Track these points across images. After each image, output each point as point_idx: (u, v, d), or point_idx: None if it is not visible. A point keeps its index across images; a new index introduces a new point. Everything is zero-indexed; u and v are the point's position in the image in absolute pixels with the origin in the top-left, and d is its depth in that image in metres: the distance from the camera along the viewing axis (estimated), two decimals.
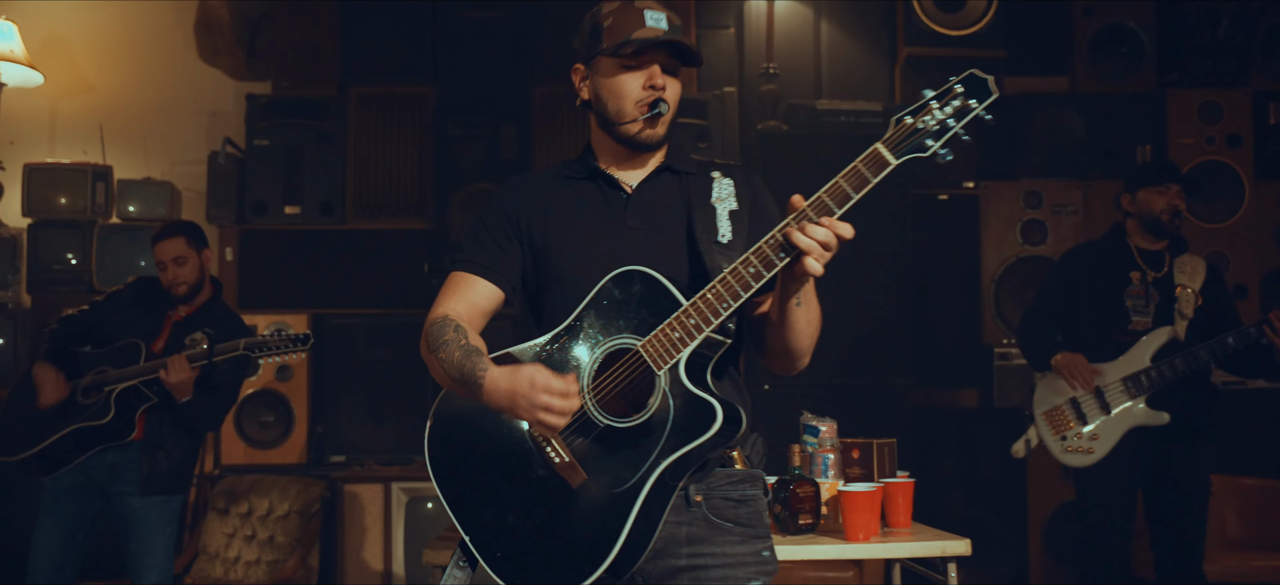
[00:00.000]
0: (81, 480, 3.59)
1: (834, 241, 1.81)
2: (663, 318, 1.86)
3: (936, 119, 1.84)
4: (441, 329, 1.96)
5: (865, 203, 5.63)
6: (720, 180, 2.06)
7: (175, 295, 3.70)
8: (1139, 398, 3.77)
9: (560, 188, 2.09)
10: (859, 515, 2.78)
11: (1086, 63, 5.33)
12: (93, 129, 5.38)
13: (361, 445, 4.99)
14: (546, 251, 2.03)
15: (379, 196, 5.18)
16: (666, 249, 2.00)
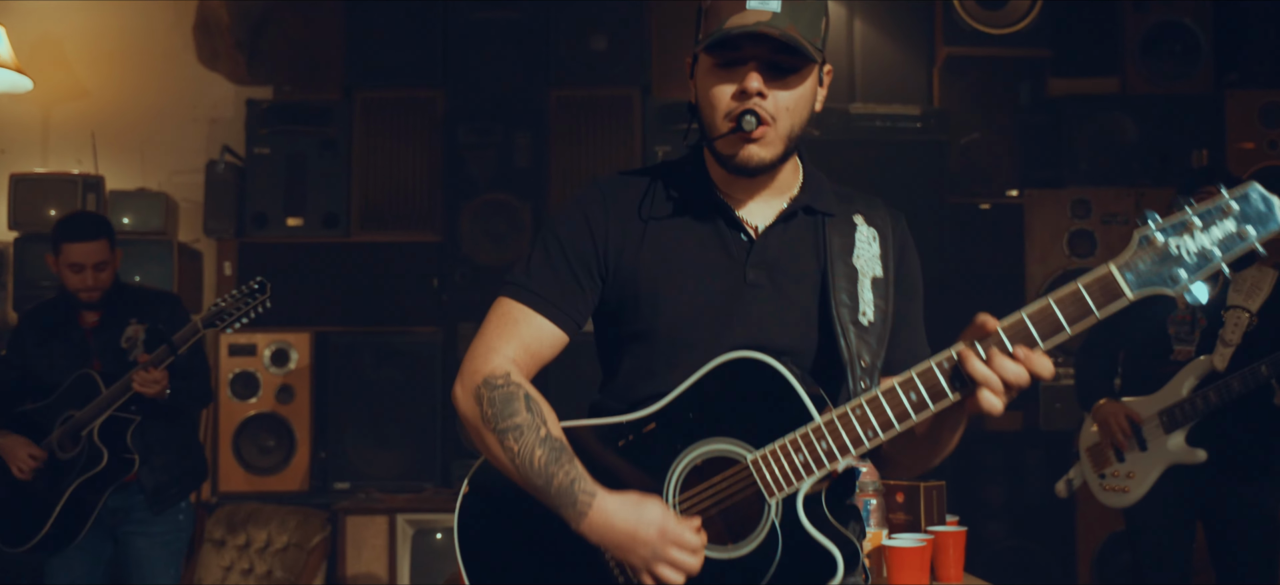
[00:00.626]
0: (95, 534, 3.38)
1: (1026, 380, 1.45)
2: (785, 428, 1.52)
3: (1197, 246, 1.43)
4: (509, 401, 1.58)
5: (902, 210, 5.44)
6: (863, 228, 1.67)
7: (81, 302, 3.43)
8: (1174, 432, 3.52)
9: (662, 211, 1.66)
10: (907, 573, 2.47)
11: (1138, 62, 5.06)
12: (86, 137, 5.14)
13: (366, 472, 4.76)
14: (637, 299, 1.64)
15: (386, 208, 4.97)
16: (793, 319, 1.63)
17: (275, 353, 4.73)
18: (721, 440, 1.54)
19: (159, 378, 3.21)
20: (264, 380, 4.71)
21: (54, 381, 3.38)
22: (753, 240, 1.65)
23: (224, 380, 4.69)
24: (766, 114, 1.57)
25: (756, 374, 1.53)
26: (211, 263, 5.08)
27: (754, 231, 1.66)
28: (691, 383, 1.56)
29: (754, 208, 1.67)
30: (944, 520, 2.84)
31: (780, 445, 1.51)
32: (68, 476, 3.29)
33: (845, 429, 1.50)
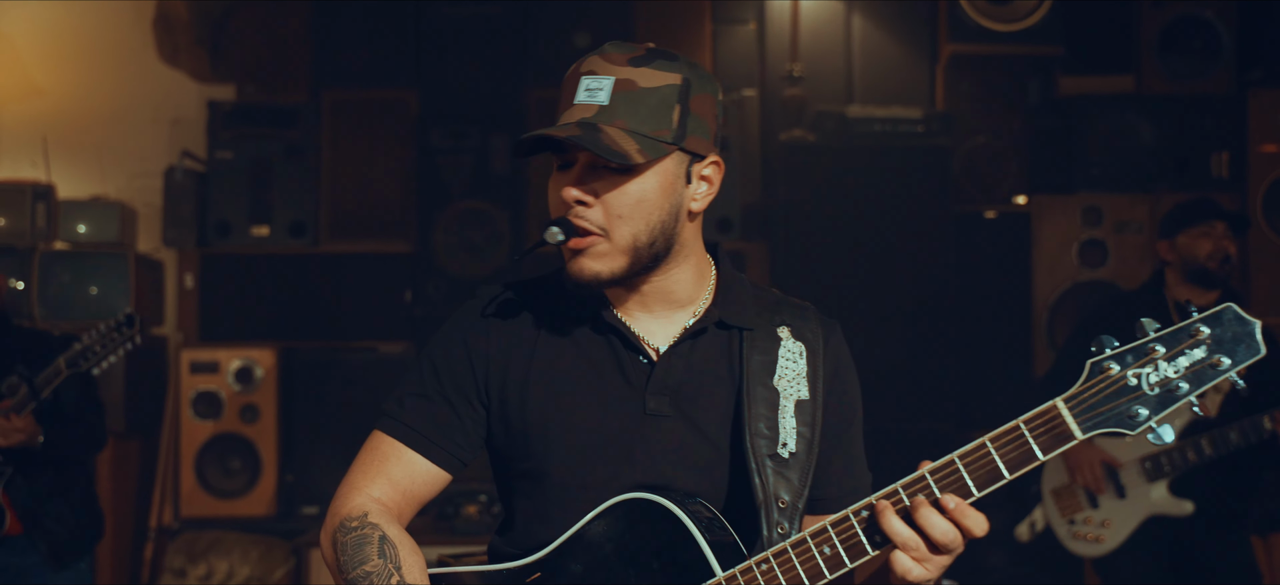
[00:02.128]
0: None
1: (957, 540, 1.28)
2: (680, 582, 1.35)
3: (1160, 376, 1.28)
4: (361, 545, 1.41)
5: (901, 221, 5.08)
6: (789, 342, 1.47)
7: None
8: (1158, 481, 3.42)
9: (551, 332, 1.50)
10: None
11: (1155, 60, 4.97)
12: (40, 138, 4.97)
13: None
14: (526, 434, 1.48)
15: (356, 216, 4.93)
16: (701, 453, 1.46)
17: (239, 370, 4.61)
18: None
19: (21, 426, 3.01)
20: (227, 398, 4.60)
21: None
22: (653, 363, 1.48)
23: (185, 399, 4.58)
24: (591, 225, 1.40)
25: (653, 518, 1.37)
26: (172, 275, 4.98)
27: (655, 353, 1.49)
28: (579, 527, 1.40)
29: (654, 326, 1.50)
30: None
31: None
32: None
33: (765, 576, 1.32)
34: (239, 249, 4.81)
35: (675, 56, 1.44)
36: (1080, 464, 3.49)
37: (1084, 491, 3.53)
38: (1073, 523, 3.59)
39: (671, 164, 1.42)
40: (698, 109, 1.43)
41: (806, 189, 4.69)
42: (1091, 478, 3.46)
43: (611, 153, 1.35)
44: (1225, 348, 1.25)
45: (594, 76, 1.41)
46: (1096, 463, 3.46)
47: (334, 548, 1.45)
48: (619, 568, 1.38)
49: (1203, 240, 3.49)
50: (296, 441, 4.72)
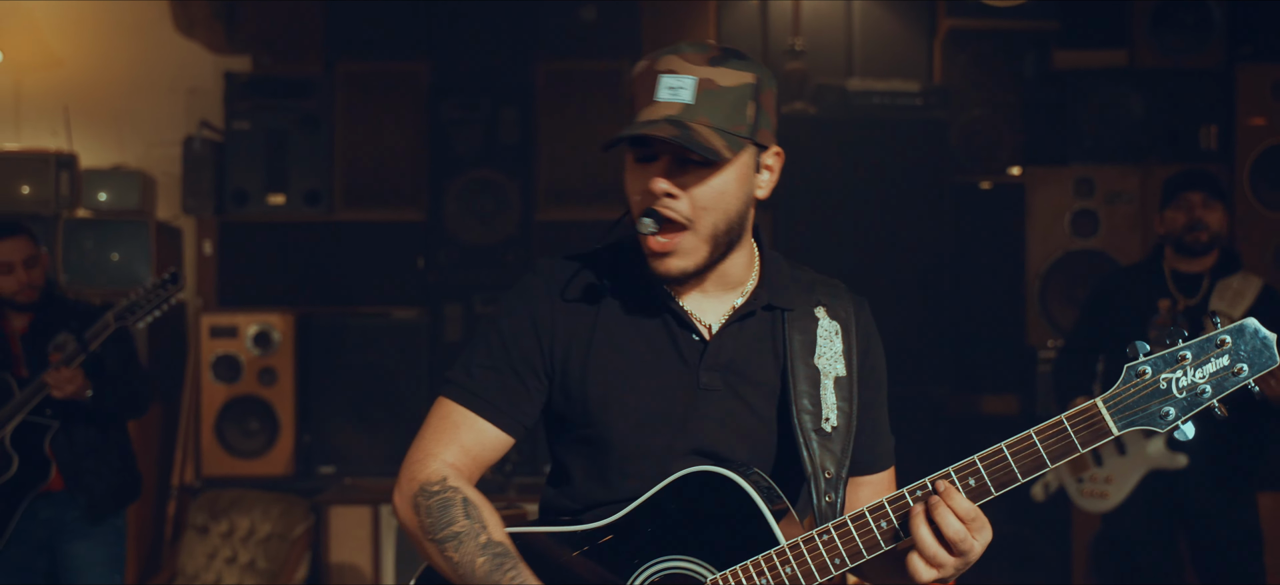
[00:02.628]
0: (21, 547, 3.33)
1: (969, 547, 1.42)
2: (748, 550, 1.45)
3: (1188, 382, 1.39)
4: (446, 509, 1.50)
5: (899, 191, 5.19)
6: (825, 321, 1.57)
7: (18, 303, 3.35)
8: (1154, 438, 3.54)
9: (610, 308, 1.57)
10: None
11: (1148, 35, 5.00)
12: (60, 107, 5.06)
13: (351, 455, 4.79)
14: (586, 404, 1.55)
15: (369, 185, 4.98)
16: (751, 426, 1.55)
17: (257, 334, 4.71)
18: (681, 558, 1.47)
19: (72, 377, 3.16)
20: (246, 362, 4.71)
21: None
22: (706, 342, 1.56)
23: (206, 362, 4.69)
24: (679, 215, 1.47)
25: (718, 489, 1.46)
26: (191, 241, 5.06)
27: (707, 331, 1.57)
28: (650, 495, 1.49)
29: (706, 304, 1.58)
30: None
31: (743, 568, 1.45)
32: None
33: (811, 556, 1.43)
34: (256, 217, 4.88)
35: (746, 56, 1.52)
36: None
37: (1091, 452, 3.65)
38: (1081, 480, 3.75)
39: (747, 157, 1.50)
40: (766, 105, 1.52)
41: (808, 160, 4.70)
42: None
43: (705, 150, 1.42)
44: (1244, 358, 1.37)
45: (675, 75, 1.46)
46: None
47: (415, 511, 1.52)
48: (686, 533, 1.47)
49: (1179, 214, 3.60)
50: (313, 403, 4.81)
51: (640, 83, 1.49)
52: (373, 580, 4.38)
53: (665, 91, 1.45)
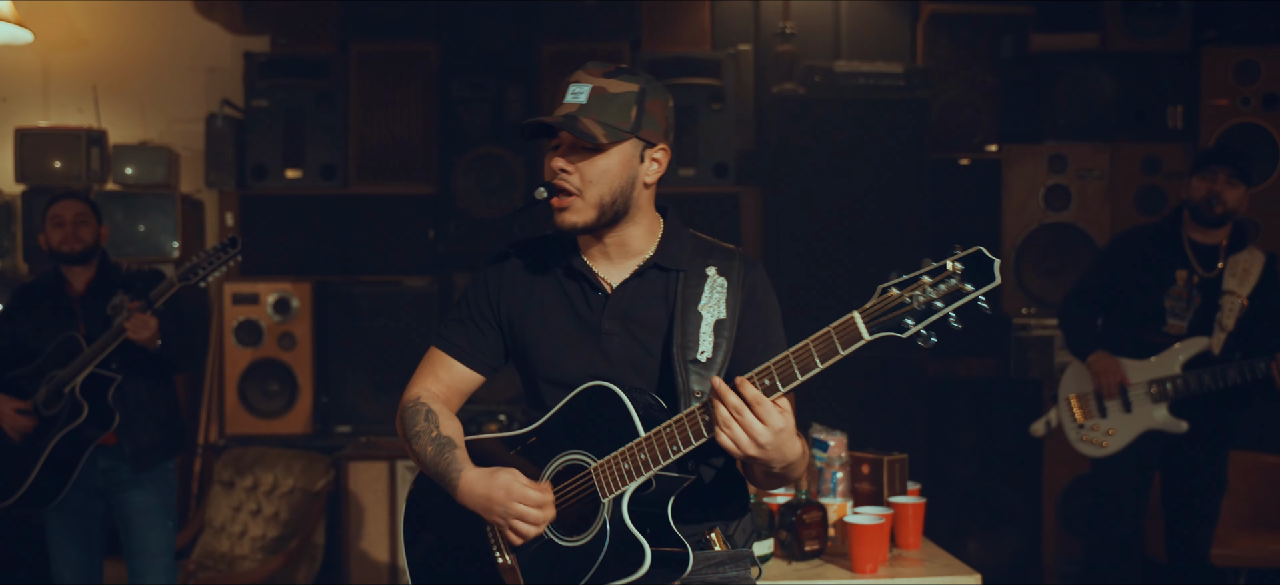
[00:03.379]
0: (80, 493, 3.52)
1: (746, 420, 1.69)
2: (619, 443, 1.79)
3: (925, 298, 1.64)
4: (413, 417, 2.00)
5: (882, 167, 5.34)
6: (713, 280, 1.93)
7: (66, 254, 3.55)
8: (1161, 404, 3.72)
9: (542, 279, 2.01)
10: (866, 547, 2.69)
11: (1119, 19, 5.10)
12: (85, 86, 5.24)
13: (367, 415, 4.95)
14: (525, 347, 2.00)
15: (382, 160, 5.05)
16: (641, 359, 1.91)
17: (277, 301, 4.87)
18: (576, 452, 1.86)
19: (148, 322, 3.33)
20: (267, 327, 4.86)
21: (40, 348, 3.49)
22: (608, 296, 1.95)
23: (228, 328, 4.85)
24: (569, 186, 1.88)
25: (606, 400, 1.84)
26: (213, 213, 5.20)
27: (609, 288, 1.96)
28: (559, 407, 1.91)
29: (611, 269, 1.97)
30: (905, 491, 3.04)
31: (613, 458, 1.80)
32: (50, 432, 3.42)
33: (658, 443, 1.76)
34: (275, 190, 4.97)
35: (637, 72, 1.90)
36: (1102, 374, 3.76)
37: (1096, 402, 3.80)
38: (1082, 427, 3.87)
39: (629, 147, 1.89)
40: (651, 110, 1.90)
41: (796, 137, 4.82)
42: (1108, 387, 3.74)
43: (585, 135, 1.83)
44: (971, 277, 1.61)
45: (578, 84, 1.88)
46: (1115, 378, 3.74)
47: (400, 421, 2.03)
48: (583, 433, 1.86)
49: (1202, 184, 3.69)
50: (330, 366, 4.95)
51: (560, 91, 1.90)
52: (389, 531, 4.58)
53: (570, 95, 1.89)
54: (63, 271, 3.60)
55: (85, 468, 3.47)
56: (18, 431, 3.40)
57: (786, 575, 2.70)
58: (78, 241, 3.54)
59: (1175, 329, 3.73)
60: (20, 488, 3.42)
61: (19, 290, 3.72)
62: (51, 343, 3.47)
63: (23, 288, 3.72)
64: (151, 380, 3.56)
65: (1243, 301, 3.66)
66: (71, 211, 3.56)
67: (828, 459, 2.98)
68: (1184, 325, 3.71)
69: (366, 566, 4.56)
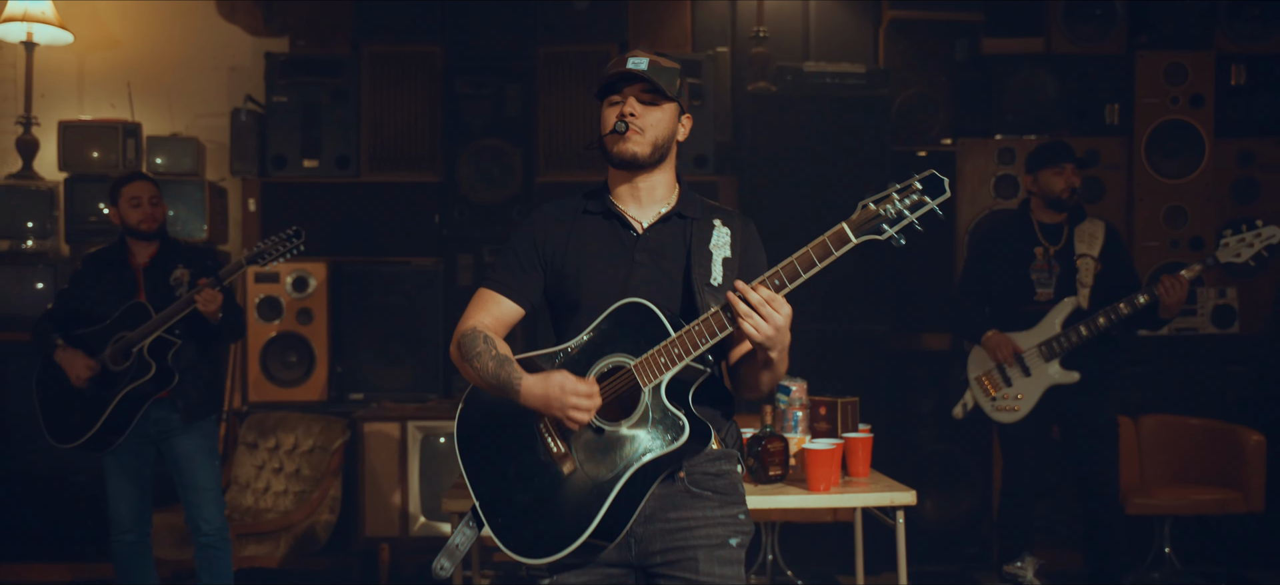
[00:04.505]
0: (137, 440, 3.95)
1: (765, 312, 2.12)
2: (654, 344, 2.21)
3: (896, 208, 2.11)
4: (473, 341, 2.33)
5: (847, 159, 5.69)
6: (720, 229, 2.37)
7: (145, 232, 3.96)
8: (1052, 360, 4.24)
9: (580, 221, 2.40)
10: (820, 469, 3.17)
11: (1061, 25, 5.54)
12: (117, 83, 5.68)
13: (377, 384, 5.34)
14: (565, 277, 2.36)
15: (392, 151, 5.43)
16: (666, 284, 2.33)
17: (296, 280, 5.27)
18: (616, 355, 2.26)
19: (216, 297, 3.78)
20: (286, 304, 5.27)
21: (105, 313, 3.91)
22: (638, 235, 2.36)
23: (251, 304, 5.24)
24: (635, 124, 2.30)
25: (639, 313, 2.26)
26: (236, 200, 5.62)
27: (640, 228, 2.37)
28: (599, 321, 2.28)
29: (640, 213, 2.39)
30: (856, 428, 3.53)
31: (650, 354, 2.22)
32: (118, 385, 3.84)
33: (688, 339, 2.20)
34: (293, 178, 5.36)
35: (673, 58, 2.35)
36: (997, 349, 4.30)
37: (1000, 372, 4.32)
38: (994, 399, 4.38)
39: (673, 108, 2.35)
40: (683, 87, 2.38)
41: (769, 131, 5.13)
42: (1007, 357, 4.28)
43: (656, 85, 2.28)
44: (928, 191, 2.09)
45: (636, 57, 2.30)
46: (1010, 347, 4.28)
47: (457, 348, 2.36)
48: (622, 340, 2.24)
49: (1056, 177, 4.29)
50: (344, 339, 5.34)
51: (614, 62, 2.34)
52: (400, 483, 5.02)
53: (631, 62, 2.29)
54: (129, 244, 4.01)
55: (140, 419, 3.91)
56: (83, 382, 3.84)
57: (753, 494, 3.17)
58: (154, 220, 3.98)
59: (1044, 296, 4.30)
60: (87, 433, 3.85)
61: (88, 259, 4.12)
62: (117, 308, 3.89)
63: (91, 257, 4.12)
64: (202, 345, 3.99)
65: (1094, 262, 4.21)
66: (148, 192, 3.98)
67: (790, 400, 3.47)
68: (1051, 291, 4.29)
69: (380, 515, 5.01)
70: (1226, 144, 5.52)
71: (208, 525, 4.00)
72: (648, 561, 2.31)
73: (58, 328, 3.95)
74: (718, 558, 2.31)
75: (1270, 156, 5.53)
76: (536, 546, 2.22)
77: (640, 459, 2.20)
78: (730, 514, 2.36)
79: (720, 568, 2.31)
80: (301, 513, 4.81)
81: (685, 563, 2.29)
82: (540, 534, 2.23)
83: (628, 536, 2.28)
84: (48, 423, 3.93)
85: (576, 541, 2.19)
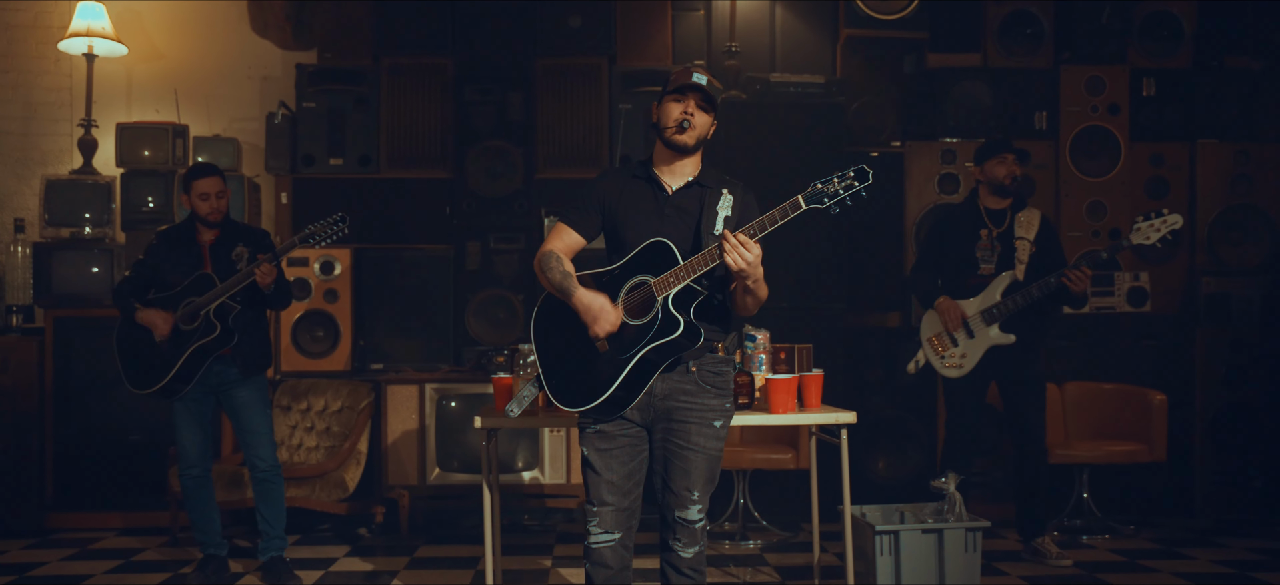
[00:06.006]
0: (199, 389, 4.59)
1: (742, 250, 2.89)
2: (668, 268, 3.00)
3: (834, 188, 2.91)
4: (548, 259, 3.14)
5: (808, 158, 6.28)
6: (726, 195, 3.11)
7: (212, 222, 4.54)
8: (993, 324, 4.93)
9: (630, 181, 3.18)
10: (779, 395, 3.90)
11: (996, 42, 6.19)
12: (161, 90, 6.34)
13: (395, 355, 5.95)
14: (616, 219, 3.16)
15: (408, 151, 5.99)
16: (684, 231, 3.09)
17: (323, 263, 5.84)
18: (643, 275, 3.04)
19: (272, 271, 4.42)
20: (315, 285, 5.84)
21: (175, 281, 4.53)
22: (668, 196, 3.13)
23: None
24: (691, 123, 3.07)
25: (661, 249, 3.04)
26: (269, 193, 6.25)
27: (670, 190, 3.14)
28: (634, 252, 3.07)
29: (671, 181, 3.15)
30: (810, 369, 4.25)
31: (665, 274, 3.00)
32: (187, 342, 4.46)
33: (689, 266, 2.97)
34: (321, 175, 5.94)
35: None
36: (946, 313, 4.96)
37: (948, 335, 5.01)
38: (943, 358, 5.02)
39: (712, 116, 3.11)
40: (718, 103, 3.13)
41: (740, 133, 5.62)
42: (956, 322, 4.95)
43: (712, 100, 3.06)
44: (859, 179, 2.87)
45: (698, 74, 3.04)
46: (958, 313, 4.95)
47: (538, 263, 3.12)
48: (647, 266, 3.00)
49: (1000, 166, 4.96)
50: (365, 316, 5.89)
51: (680, 73, 3.09)
52: (419, 439, 5.66)
53: (696, 77, 3.07)
54: (197, 225, 4.64)
55: (204, 372, 4.56)
56: (164, 335, 4.51)
57: None
58: (218, 213, 4.59)
59: (987, 270, 5.00)
60: (160, 382, 4.51)
61: (161, 234, 4.75)
62: (186, 277, 4.52)
63: (163, 232, 4.74)
64: (257, 311, 4.65)
65: (1030, 244, 4.94)
66: (215, 188, 4.57)
67: (756, 345, 4.20)
68: (992, 267, 4.99)
69: (400, 466, 5.69)
70: (1140, 147, 6.18)
71: (263, 462, 4.67)
72: (657, 424, 3.12)
73: (135, 292, 4.59)
74: (704, 433, 3.11)
75: (1177, 158, 6.21)
76: (576, 399, 3.05)
77: (649, 344, 2.99)
78: (720, 403, 3.15)
79: (704, 439, 3.11)
80: (334, 462, 5.48)
81: (680, 431, 3.10)
82: (579, 391, 3.04)
83: (648, 403, 3.08)
84: (127, 373, 4.58)
85: (602, 397, 3.00)
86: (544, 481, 5.66)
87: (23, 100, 6.37)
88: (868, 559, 4.22)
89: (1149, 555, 5.17)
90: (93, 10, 5.86)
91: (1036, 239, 4.98)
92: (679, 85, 3.07)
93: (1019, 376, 5.01)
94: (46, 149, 6.35)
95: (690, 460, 3.10)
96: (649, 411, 3.11)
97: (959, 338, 5.01)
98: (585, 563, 3.18)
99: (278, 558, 4.68)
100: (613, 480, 3.12)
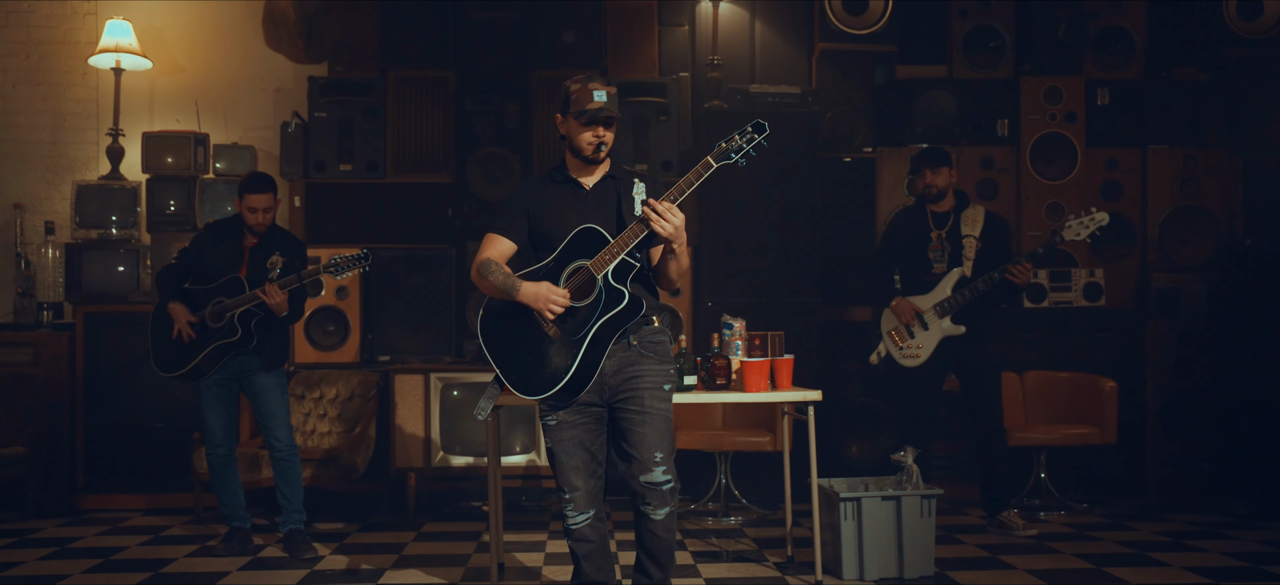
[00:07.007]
0: (222, 376, 5.00)
1: (667, 217, 3.25)
2: (600, 249, 3.36)
3: (738, 143, 3.32)
4: (487, 265, 3.49)
5: (786, 163, 6.77)
6: (639, 184, 3.51)
7: (255, 231, 4.93)
8: (945, 317, 5.37)
9: (549, 186, 3.56)
10: (753, 376, 4.34)
11: (961, 55, 6.56)
12: (181, 101, 6.77)
13: (401, 348, 6.35)
14: (541, 220, 3.52)
15: (413, 157, 6.34)
16: (605, 218, 3.46)
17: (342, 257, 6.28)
18: (578, 261, 3.41)
19: (280, 301, 4.77)
20: (326, 283, 6.24)
21: (214, 274, 4.89)
22: (585, 192, 3.52)
23: None
24: (607, 144, 3.46)
25: (590, 233, 3.40)
26: (284, 197, 6.61)
27: (587, 187, 3.52)
28: (565, 242, 3.42)
29: (587, 179, 3.54)
30: (782, 353, 4.69)
31: (598, 256, 3.35)
32: (211, 338, 4.86)
33: (618, 244, 3.33)
34: (331, 180, 6.31)
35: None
36: (902, 310, 5.39)
37: (906, 328, 5.44)
38: (902, 348, 5.45)
39: (615, 123, 3.48)
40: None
41: (722, 141, 6.10)
42: (909, 317, 5.39)
43: (617, 120, 3.46)
44: (756, 129, 3.28)
45: (598, 90, 3.36)
46: (911, 310, 5.39)
47: (476, 271, 3.47)
48: (580, 252, 3.33)
49: (936, 177, 5.41)
50: (373, 311, 6.29)
51: (582, 91, 3.42)
52: (424, 425, 6.04)
53: (599, 95, 3.39)
54: (244, 228, 4.98)
55: (228, 362, 4.97)
56: (183, 334, 4.92)
57: (707, 394, 4.33)
58: (264, 225, 4.95)
59: (938, 269, 5.44)
60: (180, 370, 4.91)
61: (208, 226, 5.10)
62: (224, 272, 4.87)
63: (211, 225, 5.10)
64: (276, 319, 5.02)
65: (976, 240, 5.38)
66: (263, 203, 4.91)
67: (733, 332, 4.63)
68: (944, 265, 5.43)
69: (407, 450, 6.10)
70: (1095, 152, 6.56)
71: (280, 443, 5.09)
72: (613, 398, 3.48)
73: (178, 278, 4.96)
74: (655, 396, 3.49)
75: (1130, 163, 6.61)
76: (536, 388, 3.37)
77: (598, 320, 3.35)
78: (664, 369, 3.54)
79: (656, 403, 3.48)
80: (345, 444, 5.91)
81: (634, 399, 3.47)
82: (539, 380, 3.37)
83: (601, 383, 3.42)
84: (155, 355, 5.00)
85: (562, 381, 3.34)
86: (540, 464, 6.08)
87: (52, 111, 6.77)
88: (834, 526, 4.64)
89: (1099, 528, 5.60)
90: (120, 28, 6.29)
91: (982, 235, 5.41)
92: (589, 116, 3.37)
93: (973, 363, 5.44)
94: (74, 156, 6.75)
95: (649, 423, 3.42)
96: (604, 390, 3.45)
97: (915, 331, 5.43)
98: (568, 541, 3.55)
99: (297, 529, 5.10)
100: (578, 464, 3.47)
